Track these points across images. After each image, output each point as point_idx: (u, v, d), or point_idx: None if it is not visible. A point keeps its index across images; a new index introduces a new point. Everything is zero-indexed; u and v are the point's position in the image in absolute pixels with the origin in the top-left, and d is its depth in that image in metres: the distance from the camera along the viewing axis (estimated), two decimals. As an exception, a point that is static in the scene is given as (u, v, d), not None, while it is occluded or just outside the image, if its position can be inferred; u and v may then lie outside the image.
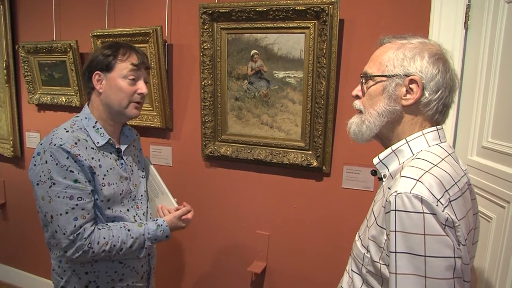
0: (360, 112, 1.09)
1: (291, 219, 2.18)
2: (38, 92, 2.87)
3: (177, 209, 1.67)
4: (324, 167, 2.04)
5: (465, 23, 1.66)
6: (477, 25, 1.60)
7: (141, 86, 1.52)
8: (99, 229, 1.44)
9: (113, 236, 1.45)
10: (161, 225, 1.58)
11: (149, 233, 1.54)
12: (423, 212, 0.84)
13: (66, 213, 1.37)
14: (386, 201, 0.90)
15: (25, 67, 2.82)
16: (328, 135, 1.99)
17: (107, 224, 1.48)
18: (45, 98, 2.83)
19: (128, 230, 1.50)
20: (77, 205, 1.38)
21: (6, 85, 2.95)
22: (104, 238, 1.43)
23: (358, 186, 2.00)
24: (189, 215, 1.67)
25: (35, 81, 2.85)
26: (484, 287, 1.41)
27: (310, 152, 2.05)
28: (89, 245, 1.39)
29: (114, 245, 1.45)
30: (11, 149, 3.04)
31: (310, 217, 2.13)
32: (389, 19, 1.83)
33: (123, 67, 1.48)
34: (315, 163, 2.03)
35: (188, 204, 1.71)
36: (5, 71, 2.91)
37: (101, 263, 1.51)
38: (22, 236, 3.22)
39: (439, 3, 1.71)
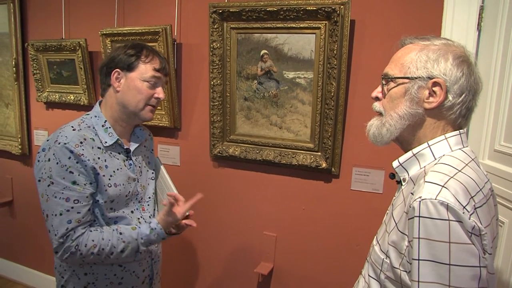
0: (380, 114, 1.07)
1: (299, 220, 2.17)
2: (47, 90, 2.88)
3: (186, 217, 1.61)
4: (333, 169, 2.03)
5: (478, 24, 1.64)
6: (490, 27, 1.58)
7: (159, 91, 1.51)
8: (91, 231, 1.40)
9: (103, 239, 1.41)
10: (155, 228, 1.49)
11: (142, 238, 1.48)
12: (449, 220, 0.82)
13: (61, 214, 1.35)
14: (410, 206, 0.88)
15: (34, 65, 2.82)
16: (337, 137, 1.98)
17: (101, 227, 1.44)
18: (54, 96, 2.84)
19: (120, 234, 1.44)
20: (72, 207, 1.36)
21: (15, 83, 2.96)
22: (93, 240, 1.39)
23: (367, 188, 1.99)
24: (181, 208, 1.53)
25: (44, 79, 2.86)
26: (496, 292, 1.39)
27: (319, 154, 2.04)
28: (77, 247, 1.36)
29: (103, 249, 1.40)
30: (19, 146, 3.05)
31: (318, 218, 2.12)
32: (401, 21, 1.82)
33: (145, 70, 1.47)
34: (324, 165, 2.01)
35: (175, 193, 1.58)
36: (14, 69, 2.93)
37: (100, 265, 1.49)
38: (29, 234, 3.23)
39: (452, 5, 1.69)
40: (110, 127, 1.49)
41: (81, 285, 1.50)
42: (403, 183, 1.05)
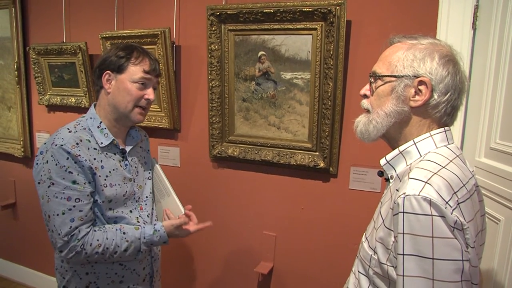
0: (368, 111, 1.09)
1: (298, 220, 2.18)
2: (48, 93, 2.91)
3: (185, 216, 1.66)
4: (331, 168, 2.04)
5: (473, 23, 1.65)
6: (485, 26, 1.59)
7: (149, 92, 1.52)
8: (95, 231, 1.43)
9: (107, 238, 1.43)
10: (158, 230, 1.53)
11: (144, 238, 1.51)
12: (432, 215, 0.83)
13: (63, 213, 1.37)
14: (394, 203, 0.89)
15: (36, 68, 2.85)
16: (335, 136, 1.99)
17: (104, 226, 1.47)
18: (55, 99, 2.87)
19: (124, 233, 1.47)
20: (74, 206, 1.38)
21: (17, 86, 2.99)
22: (98, 240, 1.42)
23: (365, 187, 2.00)
24: (191, 227, 1.61)
25: (45, 82, 2.89)
26: (492, 288, 1.40)
27: (317, 153, 2.05)
28: (82, 246, 1.39)
29: (107, 248, 1.43)
30: (22, 149, 3.08)
31: (317, 218, 2.13)
32: (396, 20, 1.83)
33: (135, 71, 1.48)
34: (322, 164, 2.03)
35: (192, 213, 1.65)
36: (16, 72, 2.96)
37: (101, 264, 1.51)
38: (31, 236, 3.25)
39: (447, 4, 1.70)
40: (105, 128, 1.51)
41: (83, 284, 1.52)
42: (391, 181, 1.07)
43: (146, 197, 1.67)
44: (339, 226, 2.08)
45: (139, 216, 1.60)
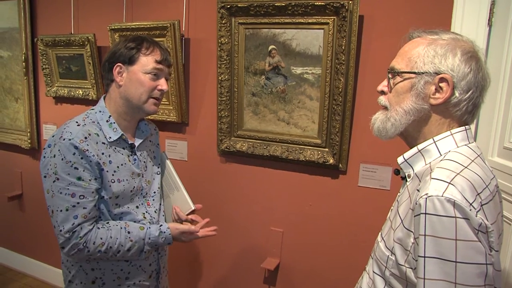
0: (385, 108, 1.06)
1: (306, 216, 2.17)
2: (56, 84, 2.90)
3: (192, 212, 1.65)
4: (340, 165, 2.02)
5: (489, 20, 1.62)
6: (502, 23, 1.56)
7: (162, 83, 1.50)
8: (98, 228, 1.41)
9: (111, 237, 1.42)
10: (164, 232, 1.53)
11: (149, 238, 1.50)
12: (455, 217, 0.81)
13: (67, 210, 1.35)
14: (416, 203, 0.87)
15: (43, 60, 2.84)
16: (345, 133, 1.97)
17: (108, 223, 1.45)
18: (62, 91, 2.86)
19: (128, 233, 1.45)
20: (78, 203, 1.36)
21: (25, 78, 2.98)
22: (101, 238, 1.40)
23: (375, 185, 1.98)
24: (198, 233, 1.60)
25: (53, 74, 2.88)
26: (504, 290, 1.38)
27: (327, 150, 2.03)
28: (84, 244, 1.37)
29: (111, 247, 1.41)
30: (28, 141, 3.08)
31: (325, 214, 2.12)
32: (410, 16, 1.80)
33: (146, 62, 1.46)
34: (331, 161, 2.01)
35: (198, 217, 1.66)
36: (23, 63, 2.95)
37: (106, 260, 1.49)
38: (38, 227, 3.26)
39: (462, 0, 1.67)
40: (114, 122, 1.49)
41: (89, 280, 1.51)
42: (408, 179, 1.05)
43: (154, 192, 1.64)
44: (348, 223, 2.06)
45: (146, 212, 1.58)
